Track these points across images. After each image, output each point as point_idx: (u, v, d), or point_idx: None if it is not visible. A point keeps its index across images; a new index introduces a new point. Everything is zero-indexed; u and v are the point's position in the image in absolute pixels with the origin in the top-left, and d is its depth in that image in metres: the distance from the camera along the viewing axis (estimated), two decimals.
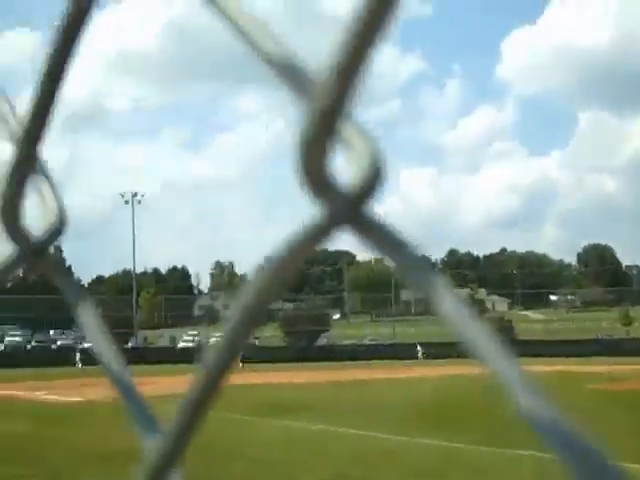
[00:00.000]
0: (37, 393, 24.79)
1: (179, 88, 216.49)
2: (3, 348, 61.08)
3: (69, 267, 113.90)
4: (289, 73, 0.35)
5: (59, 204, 0.40)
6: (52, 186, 0.40)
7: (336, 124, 0.32)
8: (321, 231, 0.34)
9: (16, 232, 0.39)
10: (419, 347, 60.15)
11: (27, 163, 0.38)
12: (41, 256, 0.40)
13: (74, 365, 46.05)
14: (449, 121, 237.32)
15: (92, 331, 0.39)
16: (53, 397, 25.23)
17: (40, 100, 0.39)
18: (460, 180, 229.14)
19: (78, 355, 49.05)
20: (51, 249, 0.40)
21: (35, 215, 0.42)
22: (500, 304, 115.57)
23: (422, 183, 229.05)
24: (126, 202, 77.97)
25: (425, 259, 0.35)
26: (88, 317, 0.39)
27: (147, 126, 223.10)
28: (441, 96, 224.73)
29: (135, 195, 78.15)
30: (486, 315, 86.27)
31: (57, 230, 0.40)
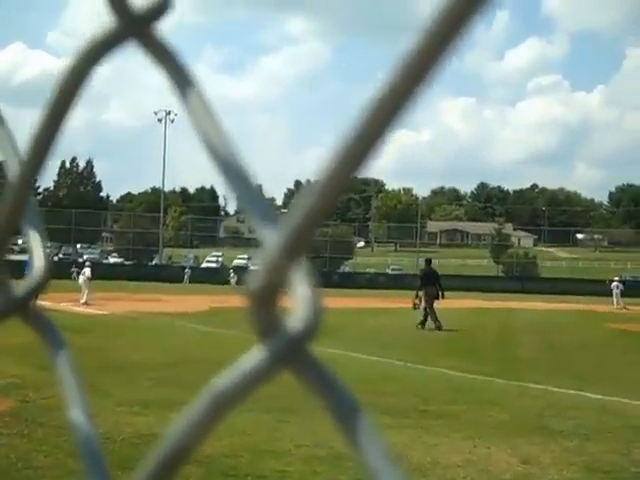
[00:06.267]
0: (62, 304, 25.33)
1: (218, 11, 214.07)
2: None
3: (99, 182, 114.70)
4: None
5: None
6: None
7: None
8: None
9: (119, 3, 0.38)
10: None
11: None
12: (143, 34, 0.38)
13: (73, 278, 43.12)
14: (495, 52, 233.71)
15: (200, 116, 0.38)
16: (80, 309, 25.80)
17: None
18: (498, 112, 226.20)
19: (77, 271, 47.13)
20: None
21: None
22: (526, 240, 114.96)
23: (459, 113, 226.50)
24: (159, 120, 77.64)
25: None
26: (195, 100, 0.38)
27: (186, 45, 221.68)
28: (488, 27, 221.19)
29: (168, 113, 77.42)
30: (510, 250, 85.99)
31: (164, 4, 0.37)
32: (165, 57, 0.39)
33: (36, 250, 0.45)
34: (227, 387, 0.31)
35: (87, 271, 29.27)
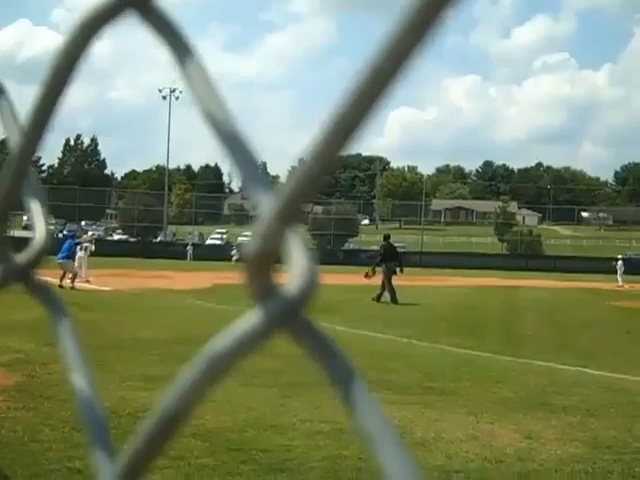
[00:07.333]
0: (65, 282, 25.38)
1: None
2: None
3: (103, 159, 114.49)
4: None
5: None
6: None
7: None
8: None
9: None
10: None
11: None
12: (142, 4, 0.37)
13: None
14: (501, 30, 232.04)
15: (199, 86, 0.37)
16: (89, 286, 25.83)
17: None
18: (504, 90, 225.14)
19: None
20: None
21: None
22: (530, 218, 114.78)
23: (465, 91, 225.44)
24: (164, 98, 77.39)
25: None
26: (195, 71, 0.37)
27: (192, 21, 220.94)
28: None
29: (173, 91, 76.96)
30: (515, 228, 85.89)
31: None
32: (165, 28, 0.37)
33: (37, 221, 0.45)
34: (223, 349, 0.31)
35: (91, 247, 28.06)
